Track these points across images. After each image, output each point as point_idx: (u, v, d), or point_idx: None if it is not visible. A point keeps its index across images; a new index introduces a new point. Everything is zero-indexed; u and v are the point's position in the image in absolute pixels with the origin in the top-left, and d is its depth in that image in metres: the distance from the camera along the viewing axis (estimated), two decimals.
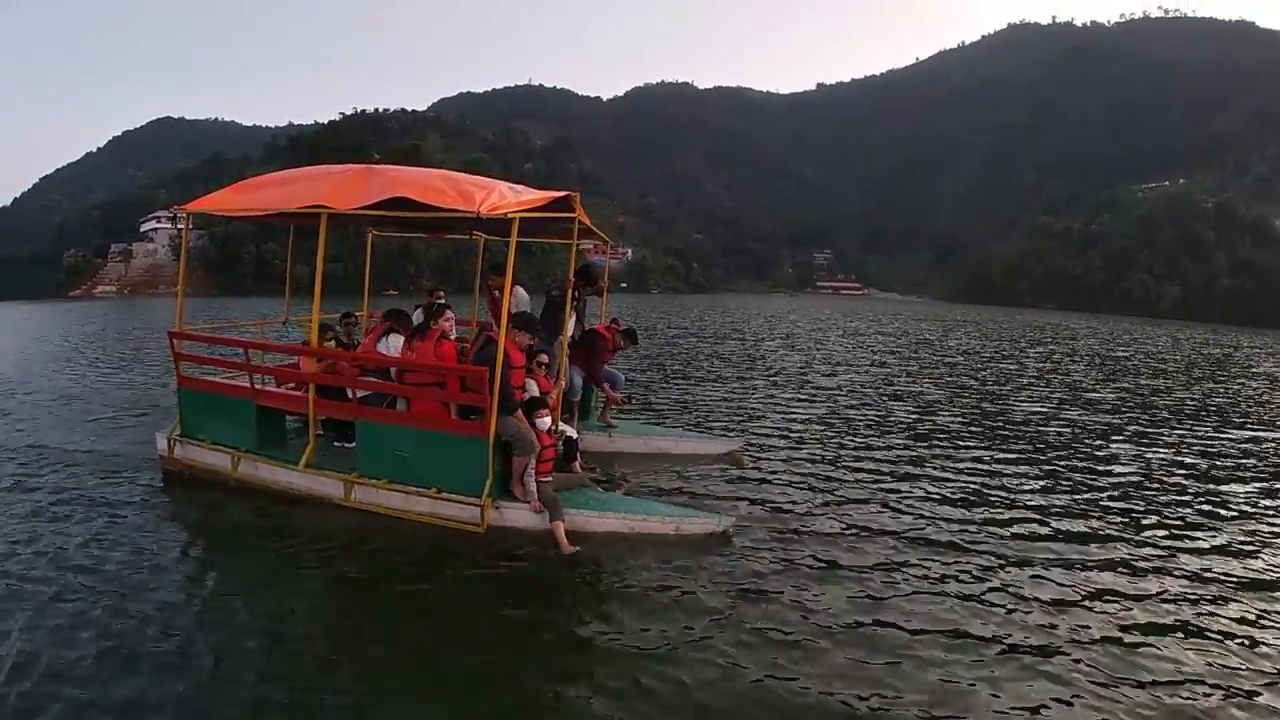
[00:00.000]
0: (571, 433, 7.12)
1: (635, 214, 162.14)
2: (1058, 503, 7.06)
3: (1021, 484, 7.67)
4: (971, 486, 7.48)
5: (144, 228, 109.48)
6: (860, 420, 10.79)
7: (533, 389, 6.40)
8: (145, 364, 15.94)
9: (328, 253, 6.34)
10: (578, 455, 7.02)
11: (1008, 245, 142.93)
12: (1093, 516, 6.68)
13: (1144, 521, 6.61)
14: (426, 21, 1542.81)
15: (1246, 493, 7.80)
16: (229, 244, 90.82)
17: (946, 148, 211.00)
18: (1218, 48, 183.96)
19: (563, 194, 6.70)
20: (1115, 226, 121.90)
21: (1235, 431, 11.33)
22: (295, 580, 5.06)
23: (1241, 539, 6.28)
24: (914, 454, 8.78)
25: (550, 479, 5.83)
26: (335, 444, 6.96)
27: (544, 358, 6.88)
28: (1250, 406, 14.25)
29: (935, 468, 8.18)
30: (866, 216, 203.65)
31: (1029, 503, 7.02)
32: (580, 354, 8.02)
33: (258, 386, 6.95)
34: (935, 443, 9.49)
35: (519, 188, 6.25)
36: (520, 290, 7.38)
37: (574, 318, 7.93)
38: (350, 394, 6.39)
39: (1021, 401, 13.28)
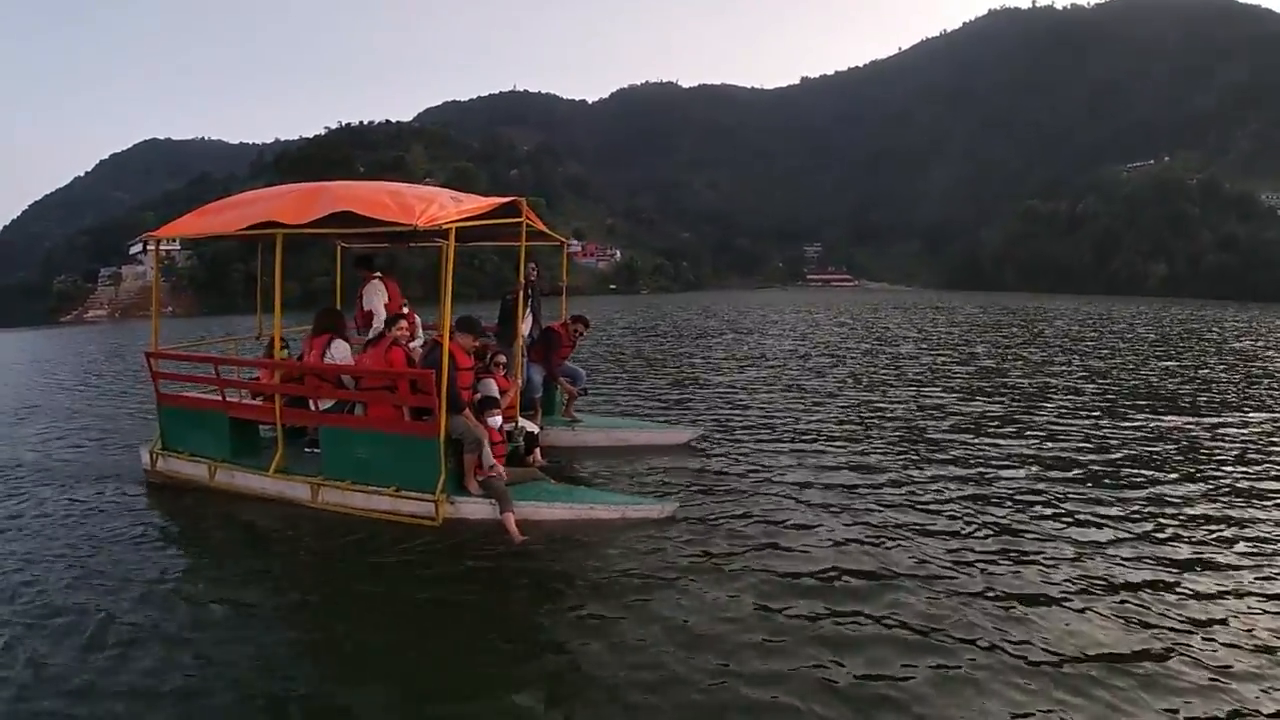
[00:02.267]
0: (532, 428, 7.43)
1: (623, 215, 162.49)
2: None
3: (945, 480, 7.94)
4: (896, 478, 7.76)
5: (132, 250, 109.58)
6: (807, 410, 11.01)
7: (491, 388, 6.71)
8: (132, 382, 16.21)
9: (316, 268, 6.70)
10: (537, 450, 7.35)
11: (995, 231, 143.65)
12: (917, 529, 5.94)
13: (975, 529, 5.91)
14: (412, 31, 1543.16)
15: (1125, 496, 6.75)
16: (217, 263, 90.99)
17: (932, 136, 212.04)
18: (1197, 24, 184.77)
19: (509, 200, 7.04)
20: (1100, 207, 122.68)
21: (1156, 419, 10.26)
22: (269, 578, 5.35)
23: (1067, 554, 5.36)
24: (849, 441, 9.00)
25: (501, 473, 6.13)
26: (306, 450, 7.27)
27: (502, 358, 7.20)
28: (1191, 388, 13.22)
29: (863, 455, 8.41)
30: (855, 208, 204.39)
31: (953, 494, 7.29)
32: (539, 352, 8.35)
33: (228, 399, 7.29)
34: (868, 431, 9.74)
35: (462, 196, 6.57)
36: (374, 282, 7.74)
37: (530, 318, 8.23)
38: (312, 402, 6.71)
39: (943, 391, 12.90)
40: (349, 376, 6.57)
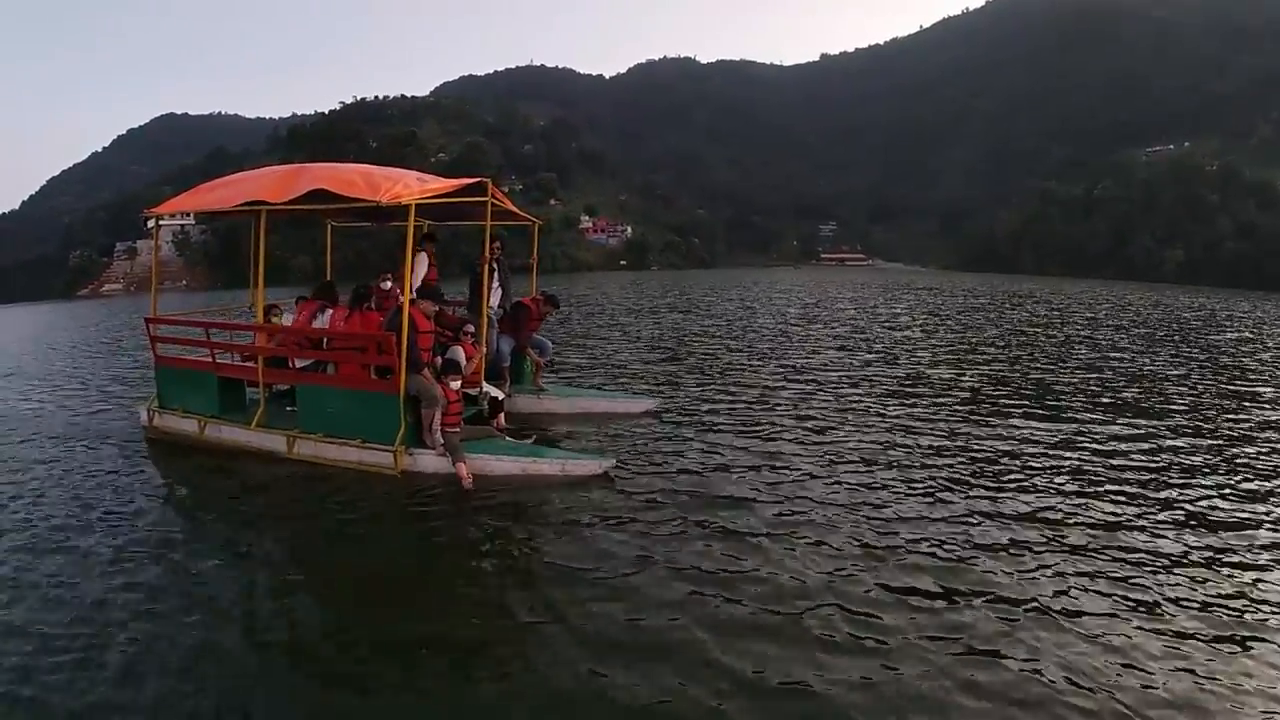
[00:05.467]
0: (497, 394, 8.05)
1: (638, 191, 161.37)
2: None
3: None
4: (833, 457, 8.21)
5: (148, 225, 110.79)
6: (768, 387, 11.23)
7: (457, 355, 7.33)
8: (132, 351, 16.98)
9: (321, 244, 7.61)
10: (501, 414, 7.97)
11: (1011, 212, 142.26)
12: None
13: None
14: (431, 6, 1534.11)
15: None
16: (230, 238, 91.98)
17: (951, 116, 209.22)
18: (1221, 8, 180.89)
19: (475, 180, 7.64)
20: (1117, 191, 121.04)
21: (1064, 422, 8.92)
22: (249, 522, 5.98)
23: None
24: (795, 420, 9.10)
25: (458, 429, 6.76)
26: (288, 408, 7.94)
27: (470, 327, 7.82)
28: (1135, 390, 11.20)
29: (813, 431, 8.85)
30: (872, 187, 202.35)
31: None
32: (509, 324, 8.95)
33: (218, 360, 7.98)
34: (821, 409, 10.10)
35: (427, 177, 7.18)
36: (419, 254, 8.21)
37: (499, 291, 8.82)
38: (290, 363, 7.38)
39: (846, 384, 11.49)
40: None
